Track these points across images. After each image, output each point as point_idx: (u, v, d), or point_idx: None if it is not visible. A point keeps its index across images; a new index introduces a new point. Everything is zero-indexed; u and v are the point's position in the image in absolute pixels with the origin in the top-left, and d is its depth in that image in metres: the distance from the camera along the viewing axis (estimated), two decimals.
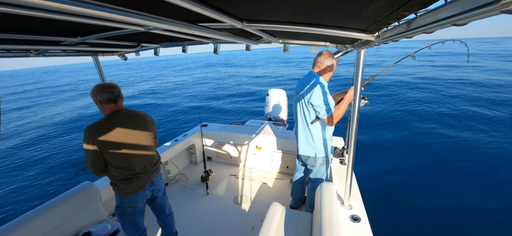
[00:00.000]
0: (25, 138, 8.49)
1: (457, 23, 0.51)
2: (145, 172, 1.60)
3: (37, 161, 6.42)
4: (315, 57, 1.92)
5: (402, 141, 5.99)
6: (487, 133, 6.14)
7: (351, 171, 1.55)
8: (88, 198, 1.93)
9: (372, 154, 5.39)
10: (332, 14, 0.79)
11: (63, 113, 12.14)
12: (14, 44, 1.16)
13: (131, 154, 1.52)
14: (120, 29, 1.10)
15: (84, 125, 1.44)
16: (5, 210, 4.39)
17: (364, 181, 3.83)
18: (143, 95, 15.93)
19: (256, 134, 3.29)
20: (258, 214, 2.48)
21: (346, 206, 1.67)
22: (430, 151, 5.40)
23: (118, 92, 1.51)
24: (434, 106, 8.59)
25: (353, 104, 1.40)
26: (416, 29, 0.67)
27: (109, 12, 0.55)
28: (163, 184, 1.82)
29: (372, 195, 3.89)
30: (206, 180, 2.92)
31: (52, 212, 1.71)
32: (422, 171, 4.65)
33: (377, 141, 6.07)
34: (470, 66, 16.93)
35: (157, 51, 1.97)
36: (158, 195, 1.76)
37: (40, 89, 24.99)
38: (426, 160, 5.05)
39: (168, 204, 1.91)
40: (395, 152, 5.44)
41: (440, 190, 4.07)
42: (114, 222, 1.98)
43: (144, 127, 1.61)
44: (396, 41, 0.88)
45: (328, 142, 2.02)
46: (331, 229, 1.30)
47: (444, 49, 24.63)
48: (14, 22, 0.87)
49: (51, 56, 1.69)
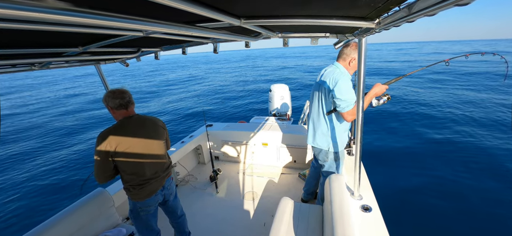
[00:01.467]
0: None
1: (459, 3, 0.49)
2: (157, 177, 1.62)
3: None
4: (341, 48, 1.83)
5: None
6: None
7: (359, 162, 1.54)
8: (102, 204, 1.98)
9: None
10: (331, 4, 0.77)
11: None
12: (19, 59, 1.19)
13: (143, 160, 1.54)
14: (119, 36, 1.11)
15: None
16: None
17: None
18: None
19: (261, 131, 3.29)
20: (268, 210, 2.49)
21: (356, 196, 1.66)
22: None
23: (129, 97, 1.53)
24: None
25: (358, 94, 1.38)
26: (418, 13, 0.66)
27: (108, 20, 0.56)
28: (174, 188, 1.85)
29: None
30: (214, 179, 2.95)
31: (67, 220, 1.76)
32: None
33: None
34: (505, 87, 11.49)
35: (158, 55, 1.99)
36: (169, 199, 1.79)
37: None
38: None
39: (180, 206, 1.94)
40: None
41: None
42: (128, 226, 2.03)
43: (155, 133, 1.63)
44: (398, 26, 0.86)
45: (343, 137, 1.96)
46: (342, 220, 1.30)
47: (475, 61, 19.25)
48: (17, 37, 0.89)
49: (55, 67, 1.73)
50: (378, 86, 1.80)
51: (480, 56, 1.97)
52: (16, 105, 14.94)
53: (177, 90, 16.95)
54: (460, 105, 8.69)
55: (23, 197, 4.92)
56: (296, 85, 15.39)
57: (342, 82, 1.71)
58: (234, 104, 11.32)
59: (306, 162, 3.18)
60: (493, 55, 1.99)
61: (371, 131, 6.65)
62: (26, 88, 23.60)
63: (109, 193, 2.05)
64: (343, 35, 1.48)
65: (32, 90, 21.78)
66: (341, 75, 1.76)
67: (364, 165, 1.91)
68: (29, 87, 24.43)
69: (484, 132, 6.19)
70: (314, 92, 2.00)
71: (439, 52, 44.53)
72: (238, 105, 11.09)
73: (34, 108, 13.81)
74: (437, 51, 49.50)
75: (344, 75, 1.76)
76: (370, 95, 1.80)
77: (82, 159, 6.53)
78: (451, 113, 7.87)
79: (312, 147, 2.12)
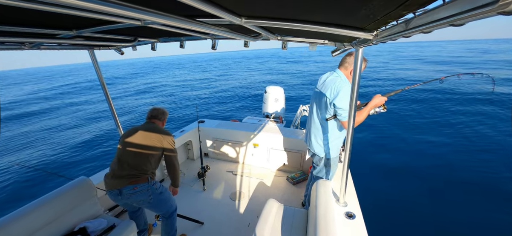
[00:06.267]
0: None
1: (454, 23, 0.51)
2: (117, 176, 1.70)
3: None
4: (343, 56, 1.84)
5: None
6: None
7: (347, 169, 1.56)
8: (84, 193, 1.92)
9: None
10: (332, 12, 0.79)
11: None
12: (7, 36, 1.14)
13: (121, 149, 1.79)
14: (116, 23, 1.08)
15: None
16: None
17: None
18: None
19: (253, 131, 3.29)
20: (254, 210, 2.49)
21: (342, 203, 1.69)
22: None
23: (152, 113, 1.98)
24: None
25: (350, 102, 1.40)
26: (414, 29, 0.68)
27: (105, 5, 0.54)
28: (140, 198, 1.73)
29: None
30: (203, 176, 2.92)
31: (48, 206, 1.70)
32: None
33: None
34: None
35: (154, 46, 1.95)
36: (128, 209, 1.96)
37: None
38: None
39: (161, 211, 1.90)
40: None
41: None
42: (110, 218, 1.97)
43: (145, 136, 1.81)
44: (394, 40, 0.88)
45: (337, 144, 1.97)
46: (326, 225, 1.32)
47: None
48: (7, 13, 0.85)
49: (46, 49, 1.66)
50: (378, 98, 1.84)
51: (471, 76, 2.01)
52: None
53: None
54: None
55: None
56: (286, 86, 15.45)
57: (344, 92, 1.73)
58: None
59: (295, 166, 3.21)
60: (481, 76, 2.07)
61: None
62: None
63: (93, 182, 1.99)
64: (341, 44, 1.51)
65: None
66: (343, 84, 1.77)
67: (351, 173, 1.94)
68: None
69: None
70: (314, 98, 2.01)
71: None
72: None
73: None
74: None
75: (346, 84, 1.77)
76: (370, 105, 1.83)
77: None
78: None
79: (308, 150, 2.14)
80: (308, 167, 3.10)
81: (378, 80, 15.77)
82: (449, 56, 32.85)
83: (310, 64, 32.77)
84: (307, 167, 3.13)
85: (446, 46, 72.00)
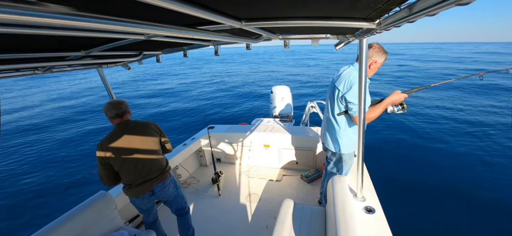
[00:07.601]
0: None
1: (460, 2, 0.49)
2: (144, 181, 1.72)
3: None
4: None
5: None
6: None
7: (361, 163, 1.53)
8: (104, 207, 1.98)
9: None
10: (332, 5, 0.78)
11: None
12: (22, 63, 1.20)
13: (133, 156, 1.71)
14: (121, 40, 1.12)
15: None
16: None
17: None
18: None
19: (263, 133, 3.28)
20: (270, 212, 2.48)
21: (359, 198, 1.65)
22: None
23: (125, 108, 1.73)
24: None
25: (359, 95, 1.37)
26: (419, 13, 0.66)
27: (109, 23, 0.56)
28: (170, 191, 1.87)
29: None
30: (216, 181, 2.94)
31: (69, 224, 1.75)
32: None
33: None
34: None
35: (159, 58, 2.00)
36: (167, 201, 1.94)
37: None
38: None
39: (179, 204, 2.01)
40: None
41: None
42: (130, 229, 2.03)
43: (145, 132, 1.77)
44: (399, 26, 0.86)
45: (352, 140, 1.90)
46: (345, 222, 1.29)
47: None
48: (20, 41, 0.90)
49: (58, 71, 1.74)
50: (397, 94, 1.75)
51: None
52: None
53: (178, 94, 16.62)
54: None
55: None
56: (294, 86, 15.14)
57: (357, 86, 1.66)
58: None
59: (308, 164, 3.17)
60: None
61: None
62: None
63: (112, 196, 2.06)
64: (344, 36, 1.48)
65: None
66: (357, 78, 1.72)
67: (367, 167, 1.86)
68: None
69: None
70: (329, 92, 1.96)
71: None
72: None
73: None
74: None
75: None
76: (386, 101, 1.75)
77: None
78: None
79: (322, 145, 2.11)
80: (321, 164, 3.06)
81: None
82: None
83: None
84: (320, 164, 3.08)
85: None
